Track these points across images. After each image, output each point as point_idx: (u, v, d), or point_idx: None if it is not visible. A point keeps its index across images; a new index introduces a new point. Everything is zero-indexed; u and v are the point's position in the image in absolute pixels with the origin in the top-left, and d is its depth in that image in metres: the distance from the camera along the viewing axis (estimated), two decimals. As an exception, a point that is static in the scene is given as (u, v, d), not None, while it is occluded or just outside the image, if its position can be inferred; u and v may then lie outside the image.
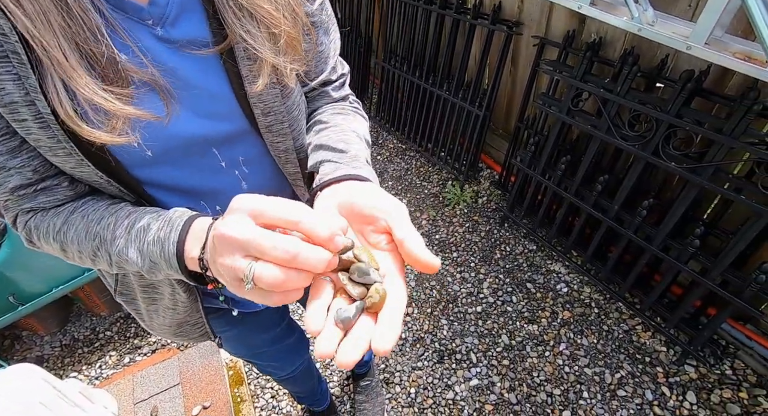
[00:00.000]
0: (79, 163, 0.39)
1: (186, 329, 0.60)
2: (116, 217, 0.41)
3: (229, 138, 0.48)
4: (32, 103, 0.35)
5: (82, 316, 1.77)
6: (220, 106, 0.45)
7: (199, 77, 0.42)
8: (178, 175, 0.46)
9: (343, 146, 0.47)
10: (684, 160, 1.20)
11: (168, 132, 0.42)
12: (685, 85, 1.14)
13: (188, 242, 0.37)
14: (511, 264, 1.73)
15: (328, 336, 0.28)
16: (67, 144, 0.37)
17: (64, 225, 0.42)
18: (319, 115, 0.56)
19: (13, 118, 0.36)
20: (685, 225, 1.33)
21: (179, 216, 0.39)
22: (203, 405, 1.22)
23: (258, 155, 0.51)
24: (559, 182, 1.60)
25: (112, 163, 0.41)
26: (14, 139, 0.38)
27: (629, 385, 1.31)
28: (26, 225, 0.44)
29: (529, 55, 1.75)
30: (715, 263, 1.18)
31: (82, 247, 0.42)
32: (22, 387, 0.80)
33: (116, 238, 0.40)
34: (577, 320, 1.50)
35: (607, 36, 1.42)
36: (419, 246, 0.31)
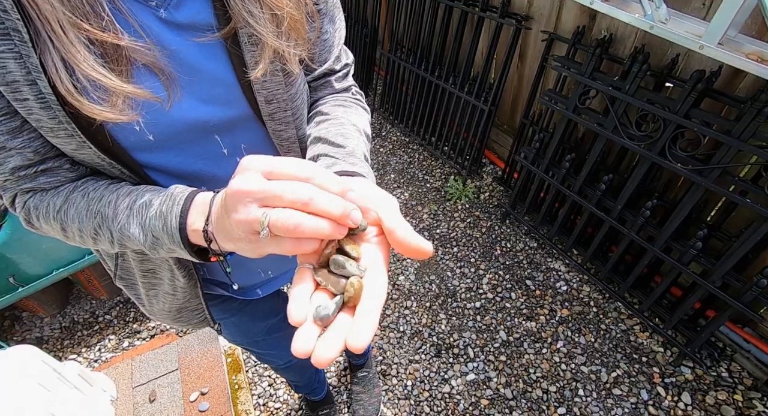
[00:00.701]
0: (81, 145, 0.39)
1: (185, 315, 0.61)
2: (117, 195, 0.41)
3: (231, 125, 0.47)
4: (34, 83, 0.34)
5: (82, 299, 1.78)
6: (223, 92, 0.44)
7: (203, 62, 0.41)
8: (179, 160, 0.46)
9: (342, 140, 0.47)
10: (690, 162, 1.19)
11: (170, 116, 0.41)
12: (695, 85, 1.12)
13: (191, 215, 0.37)
14: (511, 261, 1.73)
15: (306, 334, 0.28)
16: (68, 125, 0.37)
17: (65, 204, 0.42)
18: (320, 106, 0.55)
19: (15, 97, 0.35)
20: (688, 226, 1.32)
21: (181, 191, 0.39)
22: (201, 391, 1.23)
23: (260, 143, 0.51)
24: (563, 180, 1.59)
25: (112, 145, 0.40)
26: (15, 119, 0.37)
27: (625, 384, 1.32)
28: (25, 205, 0.44)
29: (537, 51, 1.73)
30: (716, 266, 1.17)
31: (83, 226, 0.42)
32: (21, 369, 0.80)
33: (118, 215, 0.40)
34: (575, 318, 1.51)
35: (618, 33, 1.40)
36: (409, 232, 0.31)
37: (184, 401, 1.21)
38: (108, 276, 1.73)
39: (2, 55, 0.33)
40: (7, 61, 0.34)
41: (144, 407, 1.19)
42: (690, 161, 1.19)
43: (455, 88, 2.01)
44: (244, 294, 0.67)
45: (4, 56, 0.33)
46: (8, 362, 0.80)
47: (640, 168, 1.32)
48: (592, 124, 1.42)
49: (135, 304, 1.75)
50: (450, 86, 2.03)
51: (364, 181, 0.39)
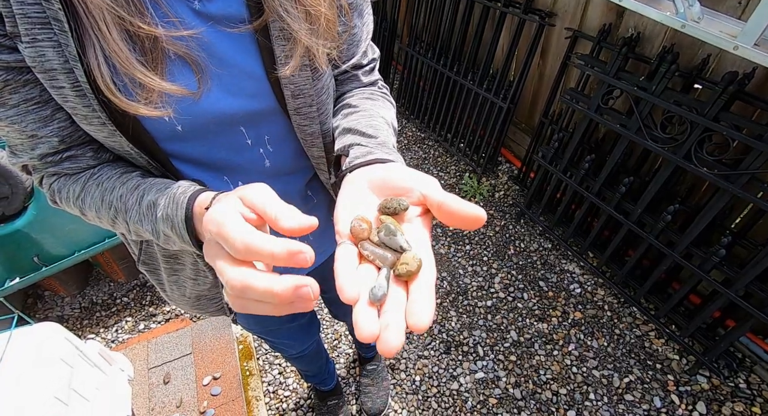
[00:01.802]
0: (111, 133, 0.40)
1: (204, 302, 0.62)
2: (126, 188, 0.42)
3: (257, 117, 0.48)
4: (71, 71, 0.35)
5: (101, 281, 1.82)
6: (252, 85, 0.45)
7: (234, 54, 0.42)
8: (205, 150, 0.47)
9: (373, 131, 0.46)
10: (717, 166, 1.16)
11: (199, 107, 0.42)
12: (726, 87, 1.09)
13: (196, 218, 0.38)
14: (524, 261, 1.71)
15: (367, 318, 0.26)
16: (101, 114, 0.38)
17: (82, 193, 0.44)
18: (348, 99, 0.55)
19: (51, 84, 0.36)
20: (710, 233, 1.29)
21: (182, 193, 0.39)
22: (214, 376, 1.26)
23: (283, 135, 0.51)
24: (581, 181, 1.56)
25: (143, 135, 0.42)
26: (46, 108, 0.39)
27: (637, 390, 1.30)
28: (50, 187, 0.46)
29: (560, 48, 1.70)
30: (740, 274, 1.14)
31: (100, 214, 0.44)
32: (46, 344, 0.83)
33: (128, 210, 0.41)
34: (588, 321, 1.49)
35: (646, 31, 1.36)
36: (460, 201, 0.30)
37: (197, 384, 1.24)
38: (127, 259, 1.78)
39: (42, 43, 0.34)
40: (46, 50, 0.34)
41: (158, 388, 1.22)
42: (717, 166, 1.16)
43: (474, 84, 1.99)
44: None
45: (44, 44, 0.34)
46: (34, 338, 0.83)
47: (663, 171, 1.28)
48: (614, 125, 1.39)
49: (151, 288, 1.79)
50: (468, 82, 2.01)
51: (400, 165, 0.38)
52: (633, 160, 1.49)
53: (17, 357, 0.78)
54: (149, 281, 1.84)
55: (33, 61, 0.35)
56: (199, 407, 1.18)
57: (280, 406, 1.35)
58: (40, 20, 0.33)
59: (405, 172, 0.35)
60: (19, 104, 0.38)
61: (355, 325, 0.26)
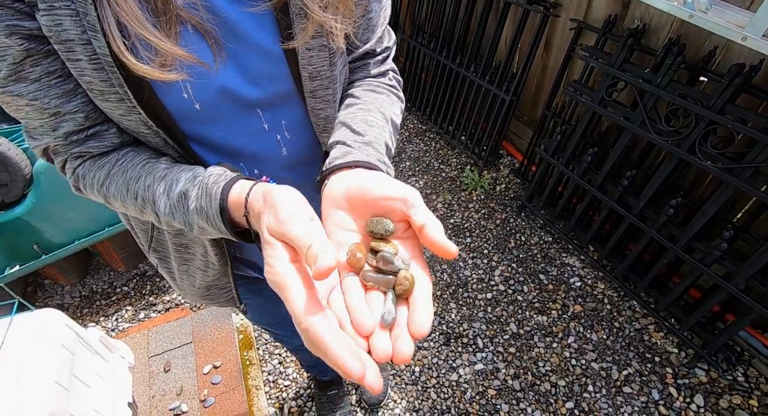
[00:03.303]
0: (129, 110, 0.39)
1: (214, 292, 0.61)
2: (153, 178, 0.41)
3: (274, 100, 0.47)
4: (88, 42, 0.34)
5: (101, 270, 1.83)
6: (269, 65, 0.44)
7: (251, 32, 0.41)
8: (222, 134, 0.46)
9: (364, 128, 0.46)
10: (721, 160, 1.15)
11: (217, 85, 0.41)
12: (732, 79, 1.07)
13: (231, 208, 0.37)
14: (524, 254, 1.71)
15: (383, 342, 0.29)
16: (120, 88, 0.37)
17: (107, 180, 0.43)
18: (352, 89, 0.54)
19: (68, 57, 0.35)
20: (712, 227, 1.28)
21: (214, 183, 0.38)
22: (214, 365, 1.26)
23: (299, 121, 0.51)
24: (583, 174, 1.56)
25: (161, 112, 0.41)
26: (69, 82, 0.38)
27: (636, 383, 1.30)
28: (75, 172, 0.44)
29: (564, 40, 1.68)
30: (741, 268, 1.14)
31: (126, 204, 0.43)
32: (47, 330, 0.83)
33: (157, 201, 0.41)
34: (588, 315, 1.49)
35: (652, 22, 1.34)
36: (439, 232, 0.31)
37: (198, 373, 1.24)
38: (127, 248, 1.77)
39: (59, 11, 0.33)
40: (63, 19, 0.33)
41: (159, 376, 1.23)
42: (721, 159, 1.15)
43: (476, 76, 1.97)
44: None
45: (61, 13, 0.33)
46: (35, 323, 0.83)
47: (667, 164, 1.28)
48: (618, 118, 1.38)
49: (151, 278, 1.79)
50: (471, 74, 1.99)
51: (379, 175, 0.37)
52: (636, 154, 1.49)
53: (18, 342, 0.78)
54: (149, 271, 1.84)
55: (49, 30, 0.34)
56: (199, 395, 1.19)
57: (279, 395, 1.36)
58: None
59: (382, 188, 0.34)
60: (41, 78, 0.36)
61: (373, 349, 0.29)
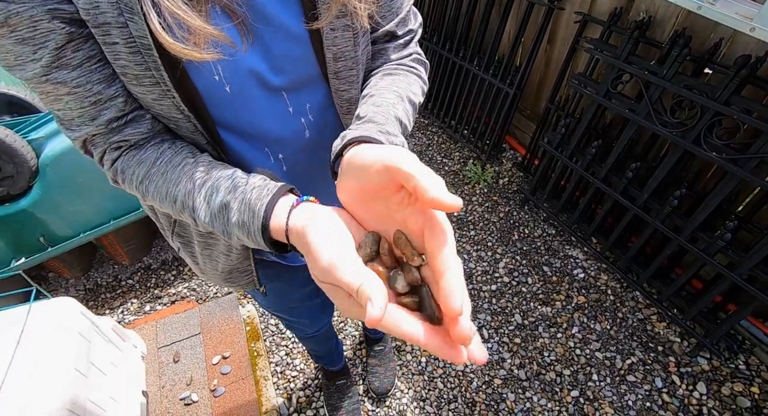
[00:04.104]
0: (164, 94, 0.39)
1: (235, 275, 0.61)
2: (193, 184, 0.41)
3: (299, 82, 0.47)
4: (125, 25, 0.35)
5: (105, 264, 1.82)
6: (295, 46, 0.44)
7: (277, 13, 0.42)
8: (249, 119, 0.47)
9: (372, 110, 0.44)
10: (726, 151, 1.16)
11: (246, 67, 0.42)
12: (738, 71, 1.08)
13: (273, 231, 0.37)
14: (528, 247, 1.73)
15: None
16: (156, 72, 0.37)
17: (146, 179, 0.43)
18: (369, 80, 0.53)
19: (104, 40, 0.36)
20: (716, 218, 1.30)
21: (257, 199, 0.38)
22: (223, 355, 1.27)
23: (323, 104, 0.51)
24: (587, 167, 1.57)
25: (194, 96, 0.41)
26: (109, 66, 0.38)
27: (639, 372, 1.32)
28: (113, 166, 0.44)
29: (568, 33, 1.68)
30: (744, 258, 1.16)
31: (164, 205, 0.43)
32: (64, 317, 0.83)
33: (197, 208, 0.41)
34: (591, 305, 1.51)
35: (658, 15, 1.35)
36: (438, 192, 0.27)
37: (207, 363, 1.25)
38: (131, 242, 1.77)
39: None
40: (101, 2, 0.33)
41: (169, 366, 1.23)
42: (725, 150, 1.16)
43: (480, 70, 1.97)
44: (291, 259, 0.68)
45: None
46: (52, 311, 0.83)
47: (671, 156, 1.29)
48: (623, 110, 1.39)
49: (156, 271, 1.79)
50: (474, 68, 1.99)
51: (363, 149, 0.33)
52: (640, 146, 1.50)
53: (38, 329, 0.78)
54: (153, 265, 1.84)
55: (87, 13, 0.34)
56: (209, 385, 1.19)
57: (288, 386, 1.37)
58: None
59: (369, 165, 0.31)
60: (82, 63, 0.37)
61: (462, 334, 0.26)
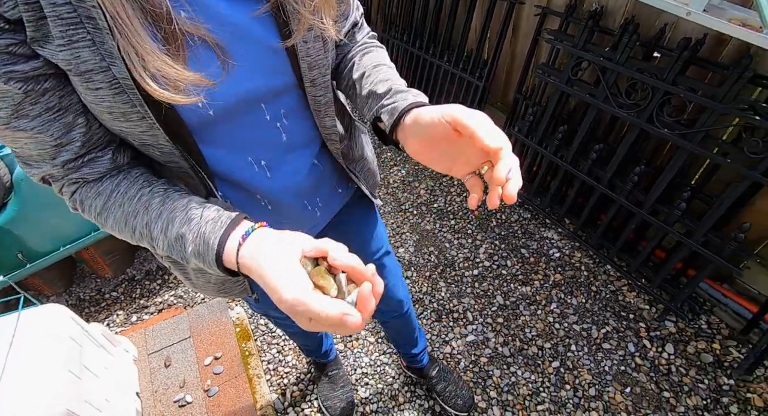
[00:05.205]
0: (150, 127, 0.40)
1: (228, 286, 0.62)
2: (150, 216, 0.43)
3: (277, 92, 0.49)
4: (107, 69, 0.36)
5: (87, 278, 1.80)
6: (274, 60, 0.46)
7: (254, 31, 0.43)
8: (230, 131, 0.48)
9: (387, 85, 0.52)
10: (676, 127, 1.25)
11: (228, 89, 0.43)
12: (681, 53, 1.18)
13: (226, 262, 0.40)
14: (506, 231, 1.80)
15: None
16: (141, 108, 0.38)
17: (104, 211, 0.44)
18: (353, 60, 0.58)
19: (87, 86, 0.36)
20: (673, 190, 1.40)
21: (211, 233, 0.41)
22: (215, 356, 1.28)
23: (297, 108, 0.53)
24: (556, 151, 1.65)
25: (177, 124, 0.42)
26: (67, 114, 0.39)
27: (614, 339, 1.41)
28: (72, 197, 0.46)
29: (530, 26, 1.76)
30: (699, 225, 1.25)
31: (123, 235, 0.45)
32: (54, 323, 0.84)
33: (155, 239, 0.43)
34: (567, 282, 1.59)
35: (609, 5, 1.44)
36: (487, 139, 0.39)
37: (199, 365, 1.26)
38: (113, 254, 1.75)
39: (77, 44, 0.34)
40: (81, 50, 0.34)
41: (160, 371, 1.24)
42: (676, 126, 1.25)
43: (450, 65, 2.03)
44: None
45: (79, 45, 0.34)
46: (42, 317, 0.83)
47: (629, 135, 1.38)
48: (584, 95, 1.47)
49: (141, 282, 1.78)
50: (445, 63, 2.06)
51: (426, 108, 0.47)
52: (602, 128, 1.59)
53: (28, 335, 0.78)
54: (138, 275, 1.83)
55: (68, 64, 0.35)
56: (202, 385, 1.21)
57: (281, 382, 1.39)
58: (72, 21, 0.33)
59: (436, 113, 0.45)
60: (41, 114, 0.38)
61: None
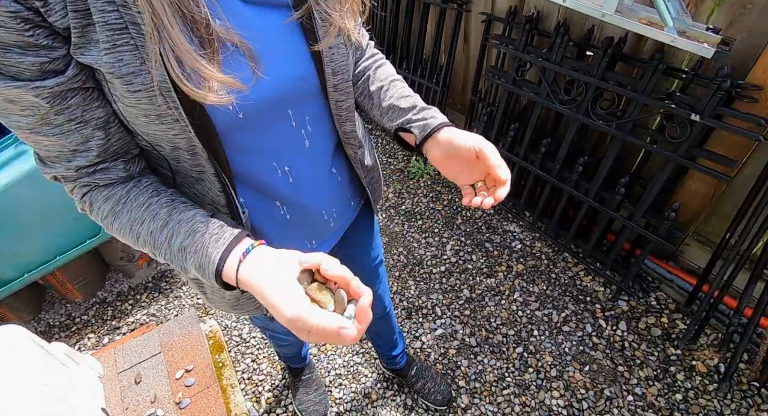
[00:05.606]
0: (183, 130, 0.42)
1: (243, 302, 0.64)
2: (156, 225, 0.45)
3: (302, 98, 0.51)
4: (147, 72, 0.37)
5: (56, 304, 1.78)
6: (301, 66, 0.48)
7: (286, 37, 0.46)
8: (257, 137, 0.49)
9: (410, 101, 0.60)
10: (610, 119, 1.35)
11: (256, 93, 0.45)
12: (606, 50, 1.28)
13: (225, 277, 0.43)
14: (471, 228, 1.87)
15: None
16: (176, 110, 0.40)
17: (111, 215, 0.47)
18: (367, 72, 0.64)
19: (128, 89, 0.38)
20: (615, 178, 1.49)
21: (214, 249, 0.43)
22: (186, 369, 1.29)
23: (320, 114, 0.55)
24: (510, 148, 1.74)
25: (208, 127, 0.44)
26: (87, 127, 0.42)
27: (572, 322, 1.48)
28: (82, 198, 0.48)
29: (478, 31, 1.87)
30: (637, 208, 1.34)
31: (127, 240, 0.48)
32: (12, 344, 0.84)
33: (158, 247, 0.45)
34: (529, 271, 1.66)
35: (544, 10, 1.54)
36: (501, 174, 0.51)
37: (170, 379, 1.27)
38: (83, 277, 1.74)
39: (121, 48, 0.36)
40: (124, 54, 0.36)
41: (131, 389, 1.24)
42: (610, 118, 1.35)
43: (409, 72, 2.12)
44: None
45: (122, 49, 0.36)
46: (0, 338, 0.83)
47: (571, 129, 1.47)
48: (529, 94, 1.57)
49: (112, 303, 1.77)
50: (404, 71, 2.14)
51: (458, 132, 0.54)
52: (549, 124, 1.68)
53: (-19, 353, 0.79)
54: (109, 297, 1.82)
55: (111, 67, 0.37)
56: (174, 398, 1.22)
57: (255, 390, 1.41)
58: (119, 26, 0.36)
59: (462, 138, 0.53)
60: (63, 124, 0.40)
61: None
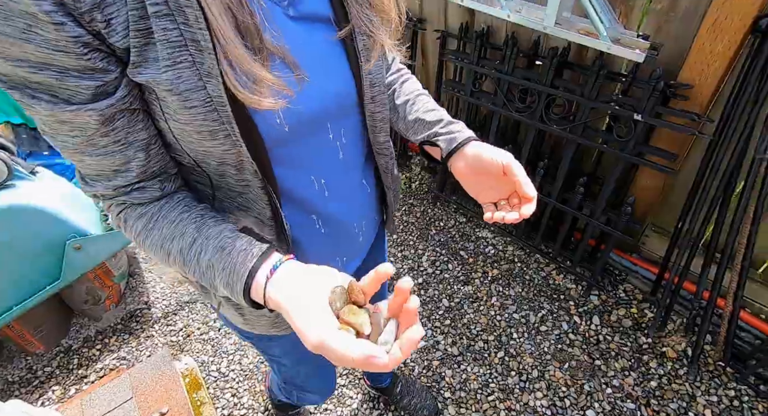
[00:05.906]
0: (233, 145, 0.42)
1: (281, 320, 0.63)
2: (185, 242, 0.46)
3: (342, 111, 0.52)
4: (203, 88, 0.38)
5: (15, 358, 1.66)
6: (341, 81, 0.50)
7: (325, 53, 0.47)
8: (299, 151, 0.50)
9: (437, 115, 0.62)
10: (563, 123, 1.42)
11: (302, 106, 0.45)
12: (552, 60, 1.35)
13: (253, 294, 0.43)
14: (445, 237, 1.90)
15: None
16: (228, 125, 0.41)
17: (144, 232, 0.47)
18: (394, 86, 0.66)
19: (184, 105, 0.39)
20: (575, 178, 1.56)
21: (242, 264, 0.42)
22: (161, 412, 1.23)
23: (354, 125, 0.56)
24: (474, 157, 1.79)
25: (257, 141, 0.44)
26: (130, 149, 0.42)
27: (549, 321, 1.52)
28: (118, 215, 0.49)
29: (435, 48, 1.93)
30: (597, 205, 1.41)
31: (158, 257, 0.48)
32: None
33: (187, 264, 0.46)
34: (504, 275, 1.70)
35: (494, 24, 1.62)
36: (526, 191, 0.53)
37: (144, 425, 1.20)
38: (43, 326, 1.63)
39: (180, 65, 0.37)
40: (183, 71, 0.37)
41: (101, 441, 1.16)
42: (563, 123, 1.42)
43: (370, 89, 2.16)
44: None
45: (181, 66, 0.37)
46: None
47: (529, 135, 1.54)
48: (487, 104, 1.63)
49: (78, 351, 1.66)
50: (365, 88, 2.18)
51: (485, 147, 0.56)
52: (509, 131, 1.75)
53: None
54: (74, 344, 1.71)
55: (170, 84, 0.37)
56: (149, 446, 1.15)
57: (238, 426, 1.35)
58: (179, 43, 0.36)
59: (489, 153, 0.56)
60: (107, 145, 0.41)
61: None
